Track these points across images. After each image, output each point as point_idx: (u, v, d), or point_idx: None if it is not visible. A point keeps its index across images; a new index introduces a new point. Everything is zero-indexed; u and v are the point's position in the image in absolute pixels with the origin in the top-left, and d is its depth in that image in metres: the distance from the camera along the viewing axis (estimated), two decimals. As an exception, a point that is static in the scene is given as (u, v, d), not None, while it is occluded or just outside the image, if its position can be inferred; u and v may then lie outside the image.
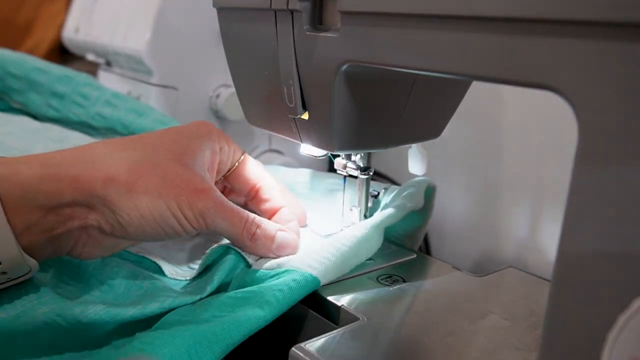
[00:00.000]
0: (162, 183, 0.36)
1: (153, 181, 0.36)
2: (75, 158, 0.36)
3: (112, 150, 0.37)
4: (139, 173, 0.36)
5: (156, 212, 0.36)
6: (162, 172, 0.37)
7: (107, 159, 0.36)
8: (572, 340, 0.23)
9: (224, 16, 0.44)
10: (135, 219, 0.36)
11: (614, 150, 0.21)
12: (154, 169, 0.36)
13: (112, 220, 0.36)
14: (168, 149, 0.38)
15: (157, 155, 0.37)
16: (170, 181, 0.36)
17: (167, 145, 0.38)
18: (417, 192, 0.46)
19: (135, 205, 0.36)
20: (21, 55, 0.66)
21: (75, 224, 0.35)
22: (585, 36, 0.21)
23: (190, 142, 0.39)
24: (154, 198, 0.36)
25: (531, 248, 0.55)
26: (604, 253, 0.21)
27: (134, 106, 0.62)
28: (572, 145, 0.22)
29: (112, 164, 0.36)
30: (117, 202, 0.35)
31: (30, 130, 0.55)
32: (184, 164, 0.38)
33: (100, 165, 0.35)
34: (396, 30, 0.29)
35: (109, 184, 0.35)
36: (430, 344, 0.34)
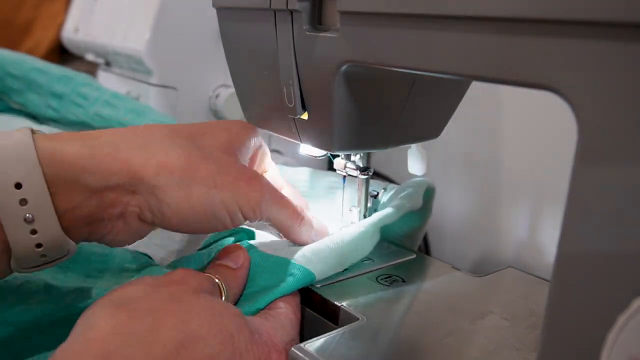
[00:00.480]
0: (217, 173, 0.35)
1: (207, 170, 0.35)
2: (125, 140, 0.34)
3: (163, 136, 0.35)
4: (192, 162, 0.34)
5: (208, 202, 0.35)
6: (216, 161, 0.35)
7: (160, 145, 0.34)
8: (572, 341, 0.23)
9: (224, 16, 0.44)
10: (183, 210, 0.34)
11: (614, 150, 0.21)
12: (207, 158, 0.35)
13: (155, 210, 0.34)
14: (218, 139, 0.37)
15: (208, 145, 0.37)
16: (226, 171, 0.35)
17: (217, 135, 0.38)
18: (416, 193, 0.46)
19: (186, 194, 0.34)
20: (20, 56, 0.66)
21: (117, 210, 0.34)
22: (585, 36, 0.21)
23: (239, 133, 0.39)
24: (208, 188, 0.34)
25: (531, 248, 0.55)
26: (603, 253, 0.21)
27: (133, 106, 0.62)
28: (572, 145, 0.22)
29: (166, 151, 0.34)
30: (167, 191, 0.34)
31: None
32: (234, 155, 0.37)
33: (154, 151, 0.34)
34: (396, 30, 0.29)
35: (161, 172, 0.33)
36: (430, 344, 0.34)
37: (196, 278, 0.33)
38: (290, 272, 0.38)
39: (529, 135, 0.55)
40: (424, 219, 0.48)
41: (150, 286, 0.31)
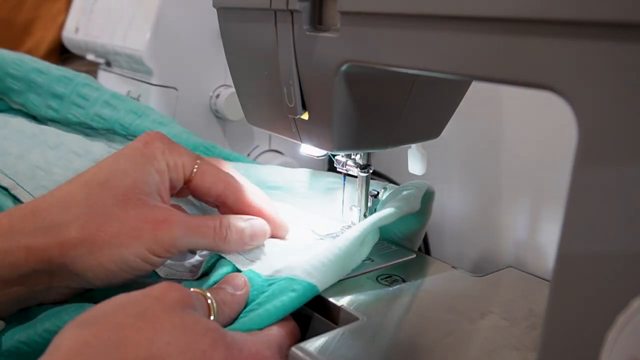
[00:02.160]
0: (120, 232, 0.34)
1: (110, 231, 0.34)
2: (26, 224, 0.34)
3: (59, 211, 0.35)
4: (92, 230, 0.34)
5: (122, 261, 0.35)
6: (116, 220, 0.35)
7: (58, 219, 0.34)
8: (572, 341, 0.23)
9: (224, 16, 0.44)
10: (101, 274, 0.35)
11: (613, 150, 0.21)
12: (107, 218, 0.35)
13: (77, 280, 0.35)
14: (115, 191, 0.36)
15: (106, 202, 0.35)
16: (129, 225, 0.35)
17: (113, 185, 0.36)
18: (415, 195, 0.46)
19: (98, 262, 0.34)
20: (20, 56, 0.66)
21: (42, 287, 0.35)
22: (585, 36, 0.21)
23: (135, 172, 0.37)
24: (116, 249, 0.34)
25: (531, 248, 0.55)
26: (603, 253, 0.21)
27: (133, 107, 0.62)
28: (572, 145, 0.22)
29: (64, 225, 0.34)
30: (78, 265, 0.34)
31: (27, 135, 0.55)
32: (135, 200, 0.36)
33: (52, 230, 0.34)
34: (396, 30, 0.29)
35: (65, 249, 0.34)
36: (430, 343, 0.34)
37: (177, 293, 0.32)
38: (292, 287, 0.37)
39: (529, 135, 0.55)
40: (423, 221, 0.48)
41: (121, 303, 0.30)
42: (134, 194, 0.36)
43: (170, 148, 0.40)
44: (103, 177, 0.36)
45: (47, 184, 0.48)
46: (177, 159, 0.40)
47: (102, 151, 0.55)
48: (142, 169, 0.37)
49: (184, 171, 0.40)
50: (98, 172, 0.37)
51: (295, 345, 0.34)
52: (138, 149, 0.39)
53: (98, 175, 0.36)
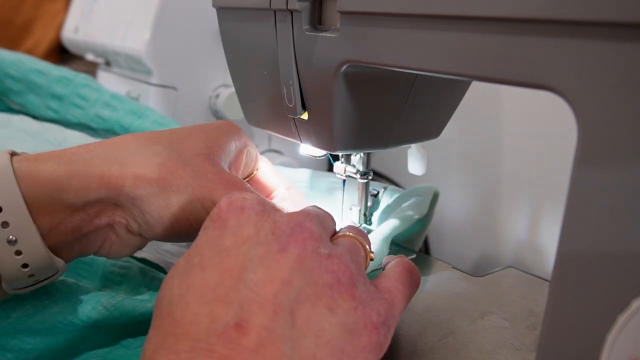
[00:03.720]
0: (195, 180, 0.34)
1: (185, 178, 0.34)
2: (102, 154, 0.34)
3: (140, 146, 0.35)
4: (170, 170, 0.34)
5: (190, 209, 0.34)
6: (193, 168, 0.35)
7: (136, 155, 0.34)
8: (571, 341, 0.23)
9: (224, 16, 0.44)
10: (165, 218, 0.34)
11: (613, 150, 0.21)
12: (185, 165, 0.34)
13: (140, 220, 0.34)
14: (196, 144, 0.36)
15: (186, 150, 0.36)
16: (204, 177, 0.35)
17: (196, 140, 0.37)
18: (423, 202, 0.46)
19: (167, 203, 0.34)
20: (20, 57, 0.66)
21: (103, 222, 0.34)
22: (585, 36, 0.21)
23: (218, 137, 0.38)
24: (187, 196, 0.34)
25: (531, 248, 0.55)
26: (603, 253, 0.21)
27: (133, 108, 0.62)
28: (571, 145, 0.22)
29: (142, 161, 0.34)
30: (147, 201, 0.34)
31: (30, 133, 0.55)
32: (213, 160, 0.36)
33: (130, 162, 0.33)
34: (396, 30, 0.29)
35: (139, 183, 0.33)
36: (430, 344, 0.34)
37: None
38: None
39: (529, 135, 0.55)
40: (426, 224, 0.48)
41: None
42: (212, 154, 0.36)
43: (249, 138, 0.41)
44: (186, 132, 0.37)
45: None
46: (252, 149, 0.41)
47: None
48: (225, 137, 0.38)
49: (255, 163, 0.42)
50: (183, 129, 0.37)
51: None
52: (224, 124, 0.39)
53: (182, 131, 0.37)
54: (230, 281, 0.26)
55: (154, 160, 0.34)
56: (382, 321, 0.28)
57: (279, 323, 0.25)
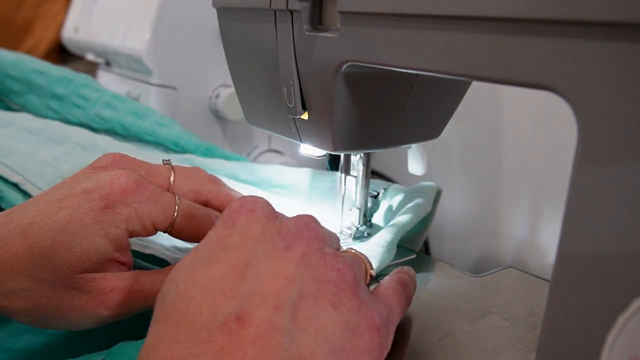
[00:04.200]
0: (62, 307, 0.34)
1: (52, 306, 0.34)
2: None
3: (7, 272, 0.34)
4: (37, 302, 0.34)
5: (65, 327, 0.35)
6: (58, 296, 0.34)
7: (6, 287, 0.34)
8: (571, 341, 0.23)
9: (224, 16, 0.44)
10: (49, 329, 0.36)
11: (613, 150, 0.21)
12: (50, 294, 0.34)
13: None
14: (56, 265, 0.33)
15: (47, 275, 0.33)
16: (71, 303, 0.34)
17: (55, 259, 0.33)
18: (428, 202, 0.46)
19: (45, 325, 0.35)
20: (20, 57, 0.66)
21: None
22: (585, 36, 0.21)
23: (80, 246, 0.34)
24: (60, 320, 0.34)
25: (531, 248, 0.55)
26: (603, 253, 0.21)
27: (133, 108, 0.62)
28: (572, 145, 0.22)
29: (13, 294, 0.34)
30: (27, 324, 0.35)
31: (32, 131, 0.55)
32: (76, 278, 0.34)
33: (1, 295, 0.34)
34: (396, 30, 0.29)
35: (13, 314, 0.34)
36: (430, 344, 0.34)
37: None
38: None
39: (529, 135, 0.55)
40: (428, 223, 0.48)
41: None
42: (75, 272, 0.34)
43: (137, 209, 0.35)
44: (46, 247, 0.33)
45: (56, 181, 0.48)
46: (147, 220, 0.36)
47: (108, 143, 0.55)
48: (91, 242, 0.34)
49: (157, 227, 0.37)
50: (43, 238, 0.33)
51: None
52: (94, 214, 0.34)
53: (42, 244, 0.33)
54: (235, 276, 0.26)
55: (22, 295, 0.34)
56: (384, 324, 0.28)
57: (279, 317, 0.25)
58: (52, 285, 0.33)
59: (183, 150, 0.60)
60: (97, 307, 0.34)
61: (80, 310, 0.34)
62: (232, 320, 0.24)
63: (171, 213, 0.37)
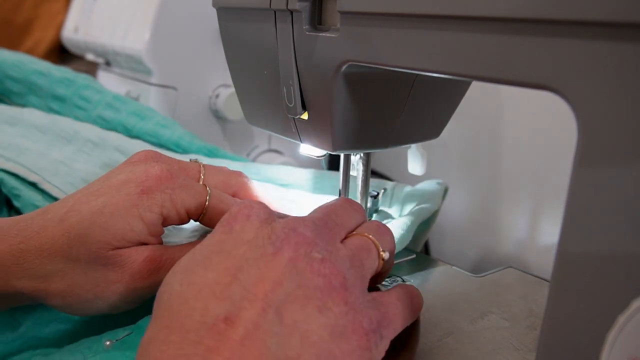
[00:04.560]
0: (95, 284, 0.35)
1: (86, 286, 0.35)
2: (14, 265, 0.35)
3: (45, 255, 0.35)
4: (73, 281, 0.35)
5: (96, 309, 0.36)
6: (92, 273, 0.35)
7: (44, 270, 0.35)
8: (571, 341, 0.23)
9: (224, 16, 0.44)
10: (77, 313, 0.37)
11: (613, 150, 0.21)
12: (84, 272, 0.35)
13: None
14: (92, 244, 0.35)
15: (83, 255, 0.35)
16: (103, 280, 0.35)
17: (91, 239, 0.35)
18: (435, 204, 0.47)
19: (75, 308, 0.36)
20: (20, 58, 0.66)
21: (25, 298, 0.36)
22: (585, 37, 0.21)
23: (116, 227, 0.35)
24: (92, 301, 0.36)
25: (531, 248, 0.55)
26: (603, 253, 0.21)
27: (135, 109, 0.62)
28: (572, 145, 0.22)
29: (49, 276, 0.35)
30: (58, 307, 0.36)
31: (41, 129, 0.55)
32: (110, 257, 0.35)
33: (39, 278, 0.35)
34: (396, 30, 0.29)
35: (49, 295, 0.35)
36: (430, 344, 0.34)
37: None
38: None
39: (529, 135, 0.55)
40: (431, 223, 0.49)
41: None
42: (109, 249, 0.35)
43: (172, 196, 0.37)
44: (83, 230, 0.35)
45: (73, 181, 0.48)
46: (180, 206, 0.37)
47: (118, 138, 0.55)
48: (126, 223, 0.35)
49: (189, 215, 0.38)
50: (80, 222, 0.35)
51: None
52: (130, 198, 0.36)
53: (79, 227, 0.35)
54: (227, 279, 0.27)
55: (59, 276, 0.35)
56: (374, 329, 0.28)
57: (266, 319, 0.25)
58: (88, 264, 0.35)
59: (185, 152, 0.60)
60: (131, 278, 0.35)
61: (115, 285, 0.35)
62: (221, 320, 0.25)
63: (203, 201, 0.38)
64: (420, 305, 0.35)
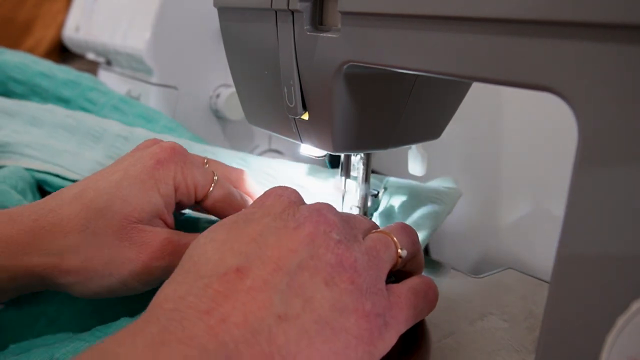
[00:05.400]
0: (112, 259, 0.35)
1: (103, 260, 0.35)
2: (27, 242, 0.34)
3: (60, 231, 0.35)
4: (89, 256, 0.35)
5: (109, 288, 0.36)
6: (111, 247, 0.35)
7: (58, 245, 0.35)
8: (571, 342, 0.23)
9: (224, 16, 0.44)
10: (90, 295, 0.36)
11: (614, 150, 0.21)
12: (103, 246, 0.35)
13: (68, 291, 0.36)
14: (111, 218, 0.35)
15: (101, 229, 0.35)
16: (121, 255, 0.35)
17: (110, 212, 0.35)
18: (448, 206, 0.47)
19: (89, 288, 0.35)
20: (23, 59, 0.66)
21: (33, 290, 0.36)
22: (585, 38, 0.21)
23: (135, 199, 0.36)
24: (107, 277, 0.35)
25: (530, 249, 0.55)
26: (603, 254, 0.21)
27: (142, 112, 0.62)
28: (572, 145, 0.22)
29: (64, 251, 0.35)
30: (71, 286, 0.35)
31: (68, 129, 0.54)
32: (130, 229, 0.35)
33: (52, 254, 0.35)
34: (396, 31, 0.29)
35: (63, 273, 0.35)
36: (429, 345, 0.34)
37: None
38: None
39: (529, 135, 0.55)
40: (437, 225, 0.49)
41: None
42: (130, 222, 0.36)
43: (184, 169, 0.38)
44: (102, 203, 0.35)
45: None
46: (190, 181, 0.39)
47: (144, 132, 0.55)
48: (145, 194, 0.36)
49: (196, 193, 0.39)
50: (98, 196, 0.36)
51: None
52: (147, 170, 0.37)
53: (97, 200, 0.35)
54: (247, 240, 0.29)
55: (74, 252, 0.35)
56: (376, 313, 0.29)
57: (275, 279, 0.27)
58: (105, 238, 0.35)
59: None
60: (149, 257, 0.36)
61: (132, 263, 0.35)
62: (232, 271, 0.27)
63: (209, 182, 0.40)
64: (436, 297, 0.35)
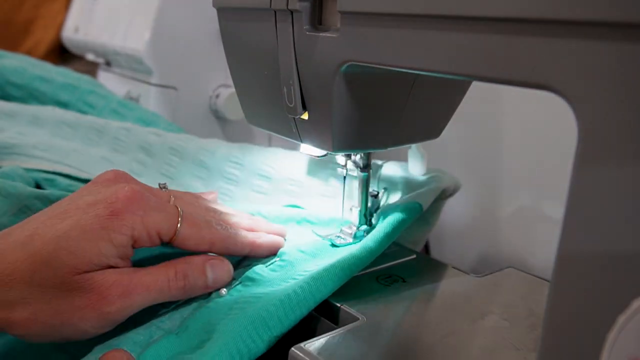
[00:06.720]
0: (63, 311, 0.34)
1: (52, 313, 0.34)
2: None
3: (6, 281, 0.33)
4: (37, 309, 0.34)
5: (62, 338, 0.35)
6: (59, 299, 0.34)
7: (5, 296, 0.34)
8: (571, 341, 0.23)
9: (224, 16, 0.44)
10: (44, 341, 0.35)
11: (614, 150, 0.21)
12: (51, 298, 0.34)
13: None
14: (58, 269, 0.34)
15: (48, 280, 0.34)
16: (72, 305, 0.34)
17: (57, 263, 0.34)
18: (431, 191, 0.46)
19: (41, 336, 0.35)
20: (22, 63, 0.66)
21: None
22: (585, 36, 0.21)
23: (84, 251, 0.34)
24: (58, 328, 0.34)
25: (531, 248, 0.55)
26: (603, 253, 0.21)
27: (141, 115, 0.62)
28: (572, 145, 0.22)
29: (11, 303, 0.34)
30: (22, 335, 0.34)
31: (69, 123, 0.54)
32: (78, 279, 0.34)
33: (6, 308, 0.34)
34: (396, 30, 0.29)
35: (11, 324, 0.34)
36: (430, 344, 0.34)
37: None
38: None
39: (529, 135, 0.55)
40: (432, 223, 0.49)
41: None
42: (77, 274, 0.34)
43: (144, 218, 0.36)
44: (48, 254, 0.33)
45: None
46: (152, 229, 0.36)
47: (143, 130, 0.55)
48: (94, 245, 0.34)
49: (161, 238, 0.37)
50: (45, 245, 0.34)
51: (295, 345, 0.33)
52: (99, 220, 0.35)
53: (44, 251, 0.34)
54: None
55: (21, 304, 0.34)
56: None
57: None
58: (52, 289, 0.34)
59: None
60: (99, 303, 0.34)
61: (82, 311, 0.34)
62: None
63: (175, 222, 0.37)
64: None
